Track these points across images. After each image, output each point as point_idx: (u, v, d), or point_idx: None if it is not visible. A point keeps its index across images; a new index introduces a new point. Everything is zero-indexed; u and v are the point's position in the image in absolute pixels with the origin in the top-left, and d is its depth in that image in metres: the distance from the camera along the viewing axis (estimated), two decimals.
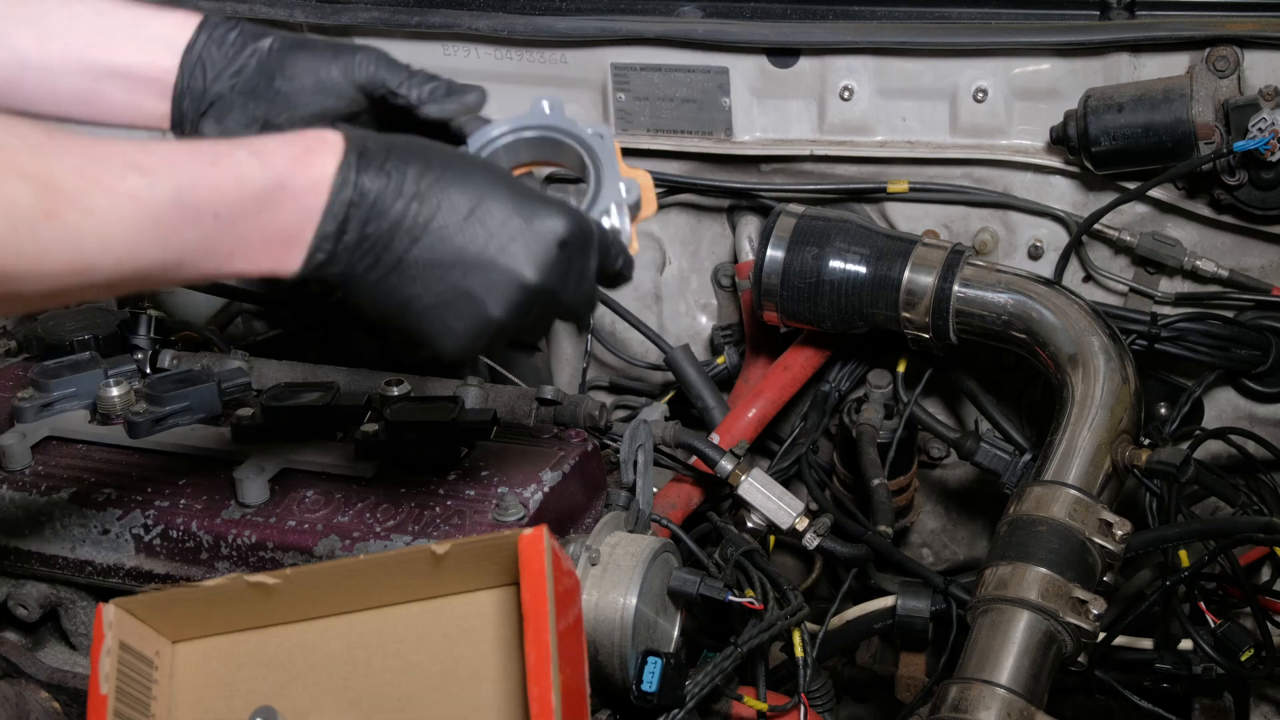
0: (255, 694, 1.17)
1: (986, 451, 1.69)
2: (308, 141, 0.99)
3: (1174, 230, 1.80)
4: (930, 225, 1.87)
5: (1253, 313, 1.76)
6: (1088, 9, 1.77)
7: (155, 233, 0.91)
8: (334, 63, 1.20)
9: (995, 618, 1.32)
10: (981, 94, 1.79)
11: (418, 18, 1.94)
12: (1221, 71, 1.68)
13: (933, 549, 2.07)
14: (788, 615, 1.43)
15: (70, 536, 1.43)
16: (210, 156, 0.94)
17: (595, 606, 1.33)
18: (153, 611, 1.15)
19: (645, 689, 1.30)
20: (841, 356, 1.84)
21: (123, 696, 1.11)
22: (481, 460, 1.46)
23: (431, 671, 1.16)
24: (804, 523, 1.57)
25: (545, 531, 1.09)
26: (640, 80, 1.90)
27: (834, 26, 1.83)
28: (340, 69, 1.20)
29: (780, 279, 1.68)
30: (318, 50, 1.21)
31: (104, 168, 0.89)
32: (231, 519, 1.40)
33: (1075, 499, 1.41)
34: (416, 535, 1.36)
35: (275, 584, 1.13)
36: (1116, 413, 1.52)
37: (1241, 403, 1.84)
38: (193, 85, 1.18)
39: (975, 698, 1.25)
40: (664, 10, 1.91)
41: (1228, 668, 1.45)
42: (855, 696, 1.87)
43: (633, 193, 1.13)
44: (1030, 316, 1.62)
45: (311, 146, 0.98)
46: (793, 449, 1.83)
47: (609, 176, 1.13)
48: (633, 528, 1.45)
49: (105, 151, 0.89)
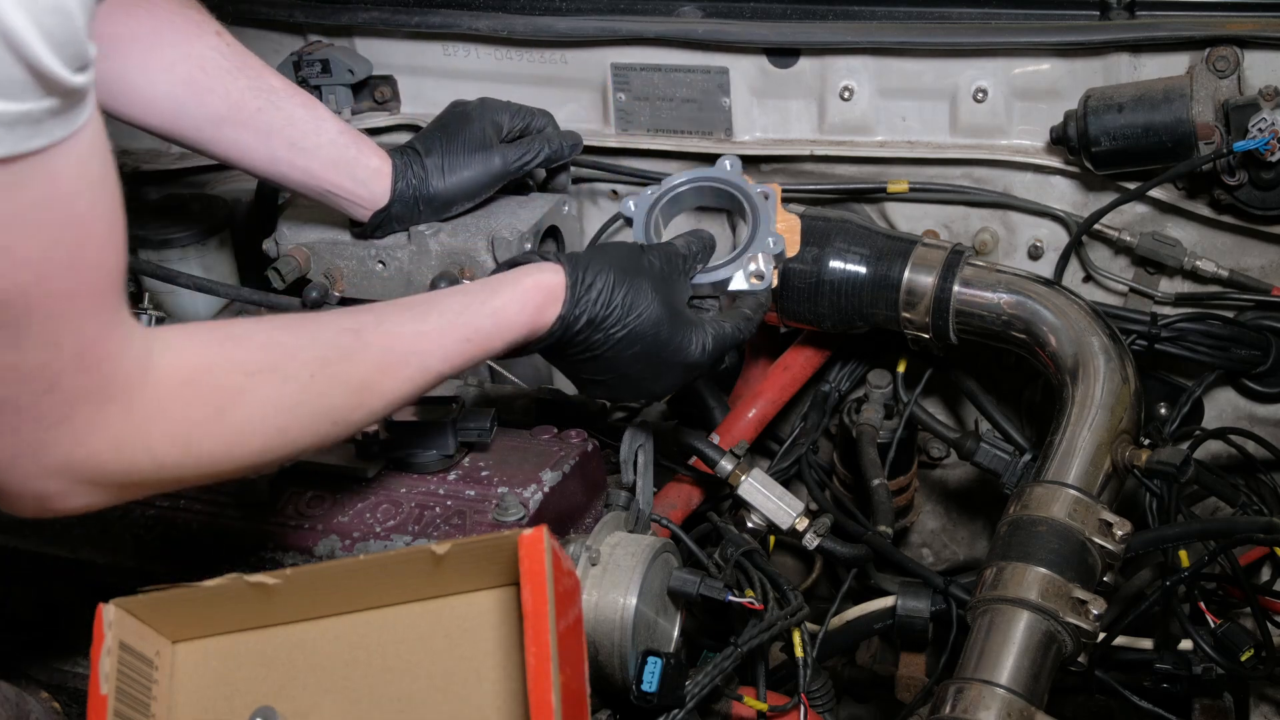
0: (255, 694, 1.17)
1: (986, 451, 1.69)
2: (539, 304, 1.27)
3: (1174, 230, 1.80)
4: (930, 225, 1.87)
5: (1253, 313, 1.76)
6: (1088, 9, 1.77)
7: (423, 392, 1.21)
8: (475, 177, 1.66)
9: (995, 618, 1.32)
10: (981, 94, 1.79)
11: (418, 18, 1.94)
12: (1221, 71, 1.68)
13: (933, 549, 2.07)
14: (788, 615, 1.43)
15: (70, 536, 1.43)
16: (465, 333, 1.22)
17: (595, 606, 1.33)
18: (153, 611, 1.15)
19: (645, 689, 1.30)
20: (841, 356, 1.84)
21: (123, 696, 1.11)
22: (481, 460, 1.46)
23: (432, 671, 1.16)
24: (804, 523, 1.57)
25: (545, 531, 1.09)
26: (640, 80, 1.90)
27: (834, 26, 1.83)
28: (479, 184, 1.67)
29: (780, 279, 1.68)
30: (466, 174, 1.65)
31: (393, 359, 1.17)
32: (231, 519, 1.40)
33: (1075, 499, 1.41)
34: (416, 535, 1.36)
35: (275, 584, 1.13)
36: (1116, 413, 1.52)
37: (1241, 403, 1.84)
38: (379, 217, 1.63)
39: (975, 698, 1.25)
40: (664, 10, 1.91)
41: (1228, 668, 1.44)
42: (855, 696, 1.87)
43: (779, 245, 1.45)
44: (1030, 317, 1.62)
45: (542, 308, 1.27)
46: (793, 449, 1.83)
47: (762, 231, 1.45)
48: (633, 528, 1.45)
49: (394, 343, 1.18)
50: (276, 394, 1.07)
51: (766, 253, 1.43)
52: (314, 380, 1.09)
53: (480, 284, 1.28)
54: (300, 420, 1.09)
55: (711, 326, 1.37)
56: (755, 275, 1.43)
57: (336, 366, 1.12)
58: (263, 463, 1.09)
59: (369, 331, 1.16)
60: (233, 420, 1.04)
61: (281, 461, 1.12)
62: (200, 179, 2.18)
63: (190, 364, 1.02)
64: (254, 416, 1.05)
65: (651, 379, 1.35)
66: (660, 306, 1.31)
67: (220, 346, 1.05)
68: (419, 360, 1.18)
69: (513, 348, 1.27)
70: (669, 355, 1.33)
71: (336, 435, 1.14)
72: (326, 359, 1.11)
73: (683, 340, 1.33)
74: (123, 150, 2.18)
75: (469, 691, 1.15)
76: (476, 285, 1.28)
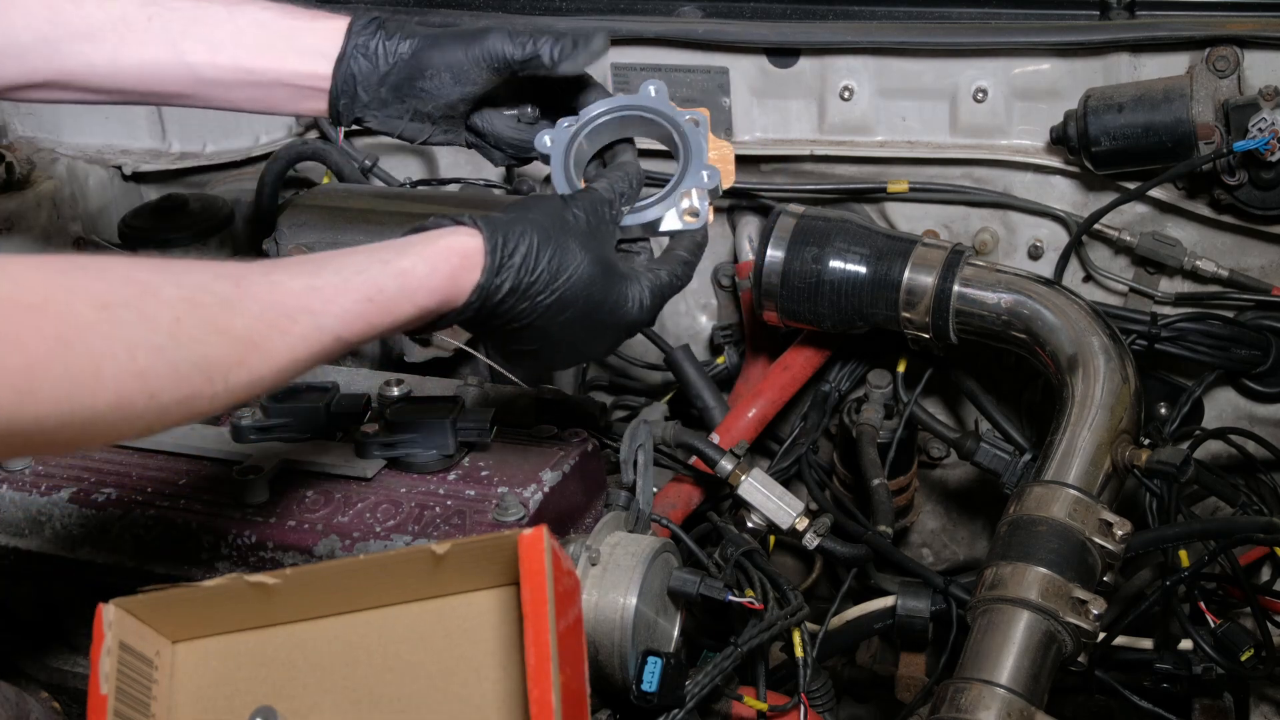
0: (255, 694, 1.17)
1: (986, 451, 1.69)
2: (453, 269, 1.14)
3: (1174, 230, 1.80)
4: (930, 225, 1.87)
5: (1253, 313, 1.76)
6: (1088, 9, 1.77)
7: (320, 360, 1.07)
8: (465, 53, 1.33)
9: (995, 618, 1.32)
10: (981, 94, 1.79)
11: (417, 18, 1.94)
12: (1221, 71, 1.68)
13: (933, 549, 2.07)
14: (788, 615, 1.43)
15: (70, 536, 1.43)
16: (367, 292, 1.09)
17: (595, 606, 1.33)
18: (153, 611, 1.15)
19: (645, 689, 1.30)
20: (841, 356, 1.84)
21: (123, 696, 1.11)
22: (481, 460, 1.46)
23: (431, 671, 1.16)
24: (804, 523, 1.57)
25: (545, 531, 1.09)
26: (640, 80, 1.90)
27: (834, 26, 1.83)
28: (471, 59, 1.33)
29: (780, 279, 1.68)
30: (450, 43, 1.34)
31: (280, 313, 1.03)
32: (231, 519, 1.40)
33: (1075, 499, 1.41)
34: (416, 535, 1.36)
35: (275, 584, 1.13)
36: (1116, 413, 1.52)
37: (1241, 403, 1.84)
38: (345, 91, 1.35)
39: (975, 698, 1.25)
40: (664, 10, 1.91)
41: (1228, 668, 1.44)
42: (855, 696, 1.87)
43: (713, 179, 1.29)
44: (1030, 316, 1.62)
45: (456, 275, 1.14)
46: (793, 449, 1.83)
47: (695, 164, 1.30)
48: (633, 528, 1.45)
49: (282, 297, 1.04)
50: (133, 333, 0.92)
51: (700, 187, 1.29)
52: (180, 324, 0.95)
53: (387, 244, 1.15)
54: (164, 366, 0.94)
55: (647, 278, 1.25)
56: (689, 213, 1.29)
57: (210, 312, 0.98)
58: (118, 418, 0.93)
59: (252, 282, 1.03)
60: (79, 355, 0.89)
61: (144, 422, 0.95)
62: (200, 179, 2.18)
63: (32, 293, 0.89)
64: (105, 353, 0.90)
65: (587, 343, 1.25)
66: (590, 265, 1.20)
67: (67, 276, 0.92)
68: (311, 319, 1.04)
69: (426, 316, 1.14)
70: (604, 316, 1.22)
71: (214, 394, 0.98)
72: (197, 302, 0.97)
73: (618, 298, 1.22)
74: (122, 150, 2.18)
75: (469, 691, 1.15)
76: (382, 245, 1.14)
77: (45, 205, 2.09)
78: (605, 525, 1.42)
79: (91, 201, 2.16)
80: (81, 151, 2.16)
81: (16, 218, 2.05)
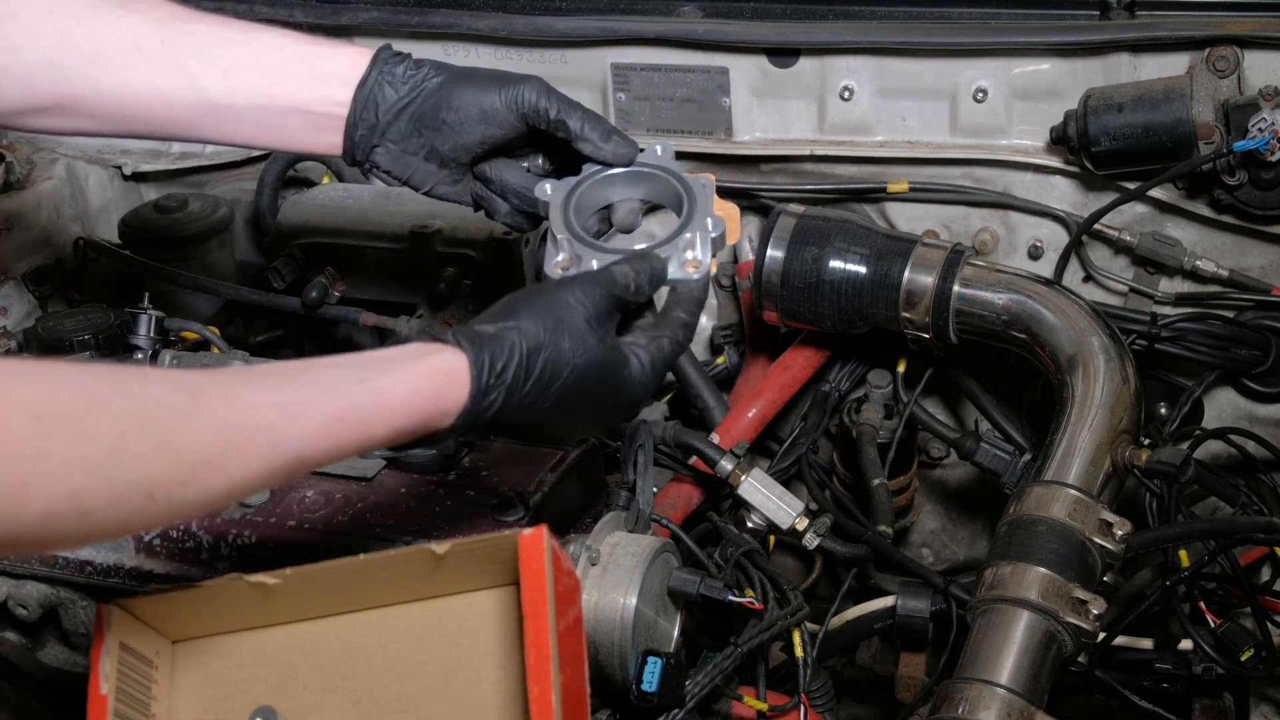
0: (255, 694, 1.17)
1: (986, 451, 1.69)
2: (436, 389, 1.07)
3: (1174, 230, 1.80)
4: (930, 225, 1.87)
5: (1253, 313, 1.76)
6: (1088, 9, 1.77)
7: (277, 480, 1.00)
8: (497, 94, 1.29)
9: (995, 618, 1.32)
10: (981, 94, 1.79)
11: (418, 18, 1.94)
12: (1221, 71, 1.68)
13: (933, 549, 2.06)
14: (788, 615, 1.43)
15: None
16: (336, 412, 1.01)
17: (595, 606, 1.33)
18: (153, 611, 1.15)
19: (645, 689, 1.30)
20: (841, 356, 1.84)
21: (123, 696, 1.11)
22: (481, 460, 1.46)
23: (432, 671, 1.16)
24: (804, 523, 1.57)
25: (545, 531, 1.09)
26: (640, 80, 1.90)
27: (834, 26, 1.83)
28: (504, 100, 1.29)
29: (780, 279, 1.68)
30: (482, 82, 1.30)
31: (238, 431, 0.96)
32: (231, 519, 1.40)
33: (1075, 499, 1.41)
34: (416, 535, 1.36)
35: (275, 584, 1.13)
36: (1116, 413, 1.52)
37: (1241, 403, 1.84)
38: (365, 119, 1.28)
39: (975, 698, 1.25)
40: (664, 10, 1.91)
41: (1228, 668, 1.44)
42: (855, 696, 1.87)
43: (718, 226, 1.26)
44: (1030, 316, 1.62)
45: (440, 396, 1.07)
46: (793, 449, 1.83)
47: (700, 212, 1.27)
48: (633, 528, 1.45)
49: (243, 412, 0.97)
50: (68, 447, 0.87)
51: (704, 233, 1.25)
52: (125, 439, 0.90)
53: (363, 357, 1.08)
54: (101, 484, 0.89)
55: (649, 351, 1.20)
56: (691, 263, 1.24)
57: (161, 427, 0.92)
58: (47, 532, 0.88)
59: (213, 395, 0.96)
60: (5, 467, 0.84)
61: (78, 534, 0.91)
62: (200, 179, 2.18)
63: None
64: (36, 471, 0.85)
65: (594, 424, 1.27)
66: (587, 360, 1.15)
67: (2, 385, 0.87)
68: (268, 436, 0.97)
69: (403, 437, 1.07)
70: (608, 401, 1.19)
71: (157, 512, 0.92)
72: (149, 417, 0.92)
73: (620, 382, 1.18)
74: (122, 150, 2.18)
75: (469, 691, 1.15)
76: (362, 358, 1.07)
77: (45, 205, 2.09)
78: (605, 525, 1.42)
79: (91, 201, 2.16)
80: (81, 151, 2.16)
81: (16, 218, 2.05)
